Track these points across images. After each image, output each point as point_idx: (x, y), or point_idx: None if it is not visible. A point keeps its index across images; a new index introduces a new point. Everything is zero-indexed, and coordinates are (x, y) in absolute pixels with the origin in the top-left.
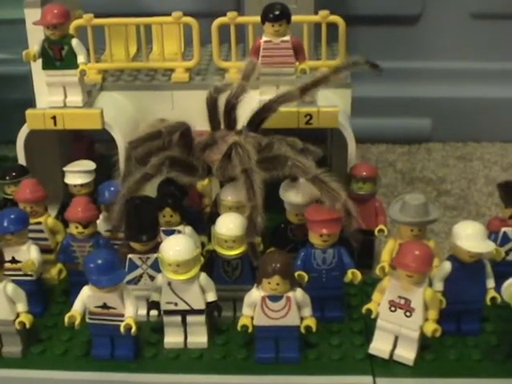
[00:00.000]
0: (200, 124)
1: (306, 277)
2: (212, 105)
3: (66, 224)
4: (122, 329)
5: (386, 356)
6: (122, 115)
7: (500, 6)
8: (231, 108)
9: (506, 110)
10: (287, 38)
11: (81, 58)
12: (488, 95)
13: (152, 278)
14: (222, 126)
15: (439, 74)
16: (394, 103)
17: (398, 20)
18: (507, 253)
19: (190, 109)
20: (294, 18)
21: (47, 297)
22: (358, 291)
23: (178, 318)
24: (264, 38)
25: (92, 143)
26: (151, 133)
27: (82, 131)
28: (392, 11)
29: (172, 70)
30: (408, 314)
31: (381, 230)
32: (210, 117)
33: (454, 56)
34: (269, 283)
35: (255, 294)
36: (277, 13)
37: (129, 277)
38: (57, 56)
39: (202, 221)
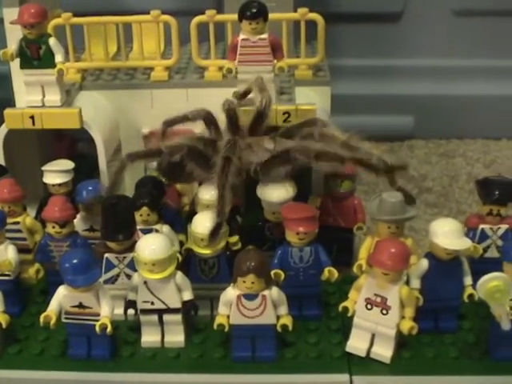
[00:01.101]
0: None
1: (283, 275)
2: (232, 111)
3: (44, 224)
4: (97, 328)
5: (362, 354)
6: (101, 114)
7: (482, 3)
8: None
9: (488, 107)
10: (265, 35)
11: (58, 58)
12: (470, 92)
13: (129, 277)
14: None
15: (421, 71)
16: (376, 101)
17: (380, 17)
18: (485, 250)
19: (169, 107)
20: (272, 15)
21: (26, 296)
22: (337, 289)
23: (155, 317)
24: (241, 36)
25: (74, 142)
26: (151, 150)
27: (63, 130)
28: (374, 8)
29: (152, 69)
30: (384, 311)
31: (360, 228)
32: (230, 122)
33: (436, 53)
34: (244, 282)
35: (231, 293)
36: (254, 10)
37: (106, 276)
38: (34, 55)
39: (180, 219)
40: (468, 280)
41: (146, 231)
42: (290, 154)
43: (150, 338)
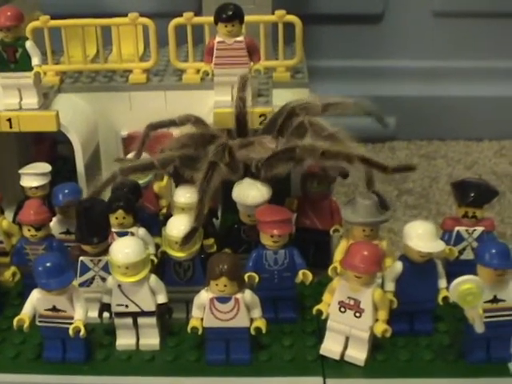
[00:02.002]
0: None
1: (257, 278)
2: (241, 113)
3: (21, 227)
4: (70, 331)
5: (336, 357)
6: (79, 117)
7: (462, 4)
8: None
9: (470, 108)
10: (241, 38)
11: (35, 61)
12: (452, 93)
13: (104, 280)
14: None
15: (403, 72)
16: None
17: (361, 19)
18: (461, 252)
19: (147, 110)
20: (250, 18)
21: (2, 299)
22: (313, 292)
23: (129, 320)
24: (217, 39)
25: (54, 144)
26: (144, 164)
27: (44, 133)
28: (355, 10)
29: (130, 71)
30: (357, 314)
31: (336, 230)
32: (237, 123)
33: (417, 54)
34: (216, 285)
35: (204, 296)
36: (229, 13)
37: (81, 279)
38: (11, 58)
39: (158, 222)
40: (442, 282)
41: (122, 234)
42: (295, 153)
43: (124, 340)
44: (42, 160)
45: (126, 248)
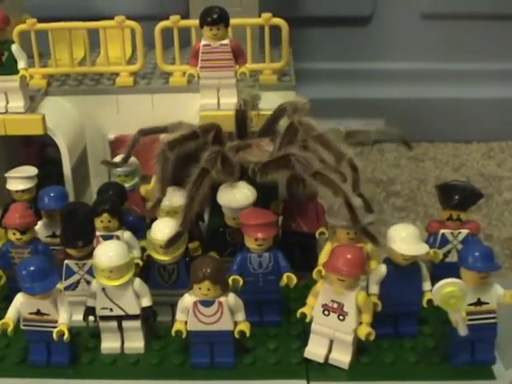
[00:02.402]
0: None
1: (242, 281)
2: (242, 115)
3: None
4: (54, 335)
5: (321, 360)
6: (66, 120)
7: (450, 6)
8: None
9: (458, 110)
10: (226, 41)
11: (21, 64)
12: (441, 96)
13: (89, 283)
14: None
15: (392, 74)
16: (346, 104)
17: (350, 21)
18: (446, 255)
19: (135, 113)
20: (236, 21)
21: None
22: (299, 295)
23: (114, 324)
24: (203, 42)
25: (43, 147)
26: (187, 134)
27: (32, 136)
28: (343, 12)
29: (117, 75)
30: (341, 317)
31: (322, 233)
32: (237, 126)
33: (405, 57)
34: (200, 288)
35: (187, 299)
36: (214, 16)
37: (66, 283)
38: None
39: (144, 226)
40: (427, 285)
41: (107, 237)
42: (290, 161)
43: (109, 344)
44: (30, 163)
45: (109, 251)
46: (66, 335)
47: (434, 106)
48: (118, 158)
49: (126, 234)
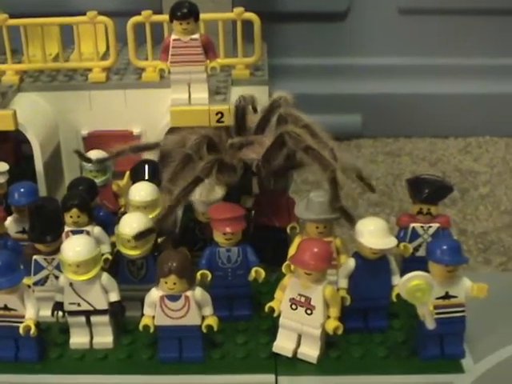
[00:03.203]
0: (116, 124)
1: (210, 275)
2: (241, 113)
3: None
4: (21, 330)
5: (289, 354)
6: (38, 116)
7: (427, 2)
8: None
9: (436, 106)
10: (196, 36)
11: None
12: (418, 91)
13: (58, 278)
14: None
15: (368, 69)
16: (323, 100)
17: (326, 16)
18: (417, 249)
19: (107, 109)
20: (207, 15)
21: None
22: (270, 289)
23: (82, 319)
24: (173, 37)
25: (19, 143)
26: (182, 162)
27: (8, 132)
28: (319, 8)
29: (90, 70)
30: (309, 311)
31: (293, 228)
32: (237, 122)
33: (382, 52)
34: (166, 283)
35: (154, 294)
36: (184, 11)
37: (35, 278)
38: None
39: (114, 221)
40: (396, 279)
41: (77, 232)
42: (285, 138)
43: (78, 339)
44: (6, 159)
45: (76, 246)
46: (33, 330)
47: (411, 102)
48: (91, 154)
49: (96, 229)
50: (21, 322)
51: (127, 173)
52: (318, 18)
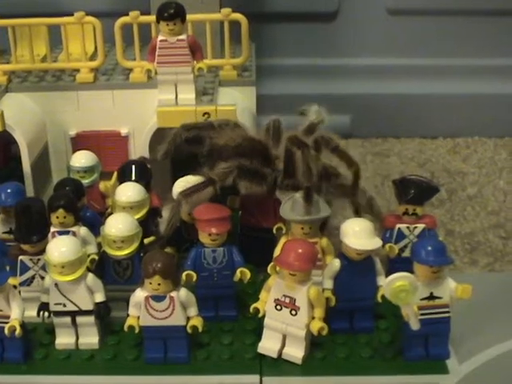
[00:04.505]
0: (104, 124)
1: (195, 276)
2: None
3: None
4: (6, 330)
5: (274, 355)
6: (26, 116)
7: (416, 2)
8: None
9: (425, 106)
10: (183, 36)
11: None
12: (407, 91)
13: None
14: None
15: (357, 70)
16: (312, 100)
17: (316, 17)
18: (403, 249)
19: (94, 109)
20: (195, 16)
21: None
22: (257, 290)
23: (68, 319)
24: (160, 37)
25: (8, 144)
26: (205, 183)
27: None
28: (309, 8)
29: (78, 71)
30: (293, 312)
31: (279, 228)
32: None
33: (372, 52)
34: (150, 283)
35: (139, 294)
36: (171, 12)
37: (21, 278)
38: None
39: (101, 222)
40: (381, 280)
41: (63, 233)
42: (318, 142)
43: (64, 339)
44: None
45: (61, 247)
46: (18, 330)
47: (400, 102)
48: (79, 155)
49: (83, 230)
50: (6, 323)
51: (115, 173)
52: (307, 18)
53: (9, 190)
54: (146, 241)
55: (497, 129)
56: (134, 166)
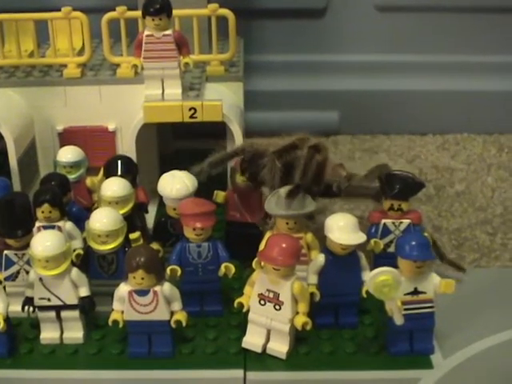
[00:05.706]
0: (91, 119)
1: (179, 271)
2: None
3: None
4: None
5: (258, 350)
6: (13, 111)
7: None
8: None
9: (414, 103)
10: (169, 31)
11: None
12: (396, 88)
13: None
14: None
15: (346, 66)
16: (301, 96)
17: (304, 13)
18: (388, 245)
19: (82, 104)
20: (182, 11)
21: None
22: (242, 285)
23: (53, 314)
24: (146, 32)
25: None
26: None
27: None
28: (298, 4)
29: (66, 66)
30: (277, 307)
31: (265, 223)
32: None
33: (360, 49)
34: (134, 278)
35: (123, 289)
36: (157, 7)
37: (6, 273)
38: None
39: (87, 216)
40: (366, 275)
41: (48, 228)
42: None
43: (48, 334)
44: None
45: (46, 241)
46: (2, 325)
47: (389, 99)
48: (65, 150)
49: (68, 225)
50: None
51: (102, 168)
52: (295, 14)
53: None
54: (130, 236)
55: (486, 125)
56: (119, 161)
